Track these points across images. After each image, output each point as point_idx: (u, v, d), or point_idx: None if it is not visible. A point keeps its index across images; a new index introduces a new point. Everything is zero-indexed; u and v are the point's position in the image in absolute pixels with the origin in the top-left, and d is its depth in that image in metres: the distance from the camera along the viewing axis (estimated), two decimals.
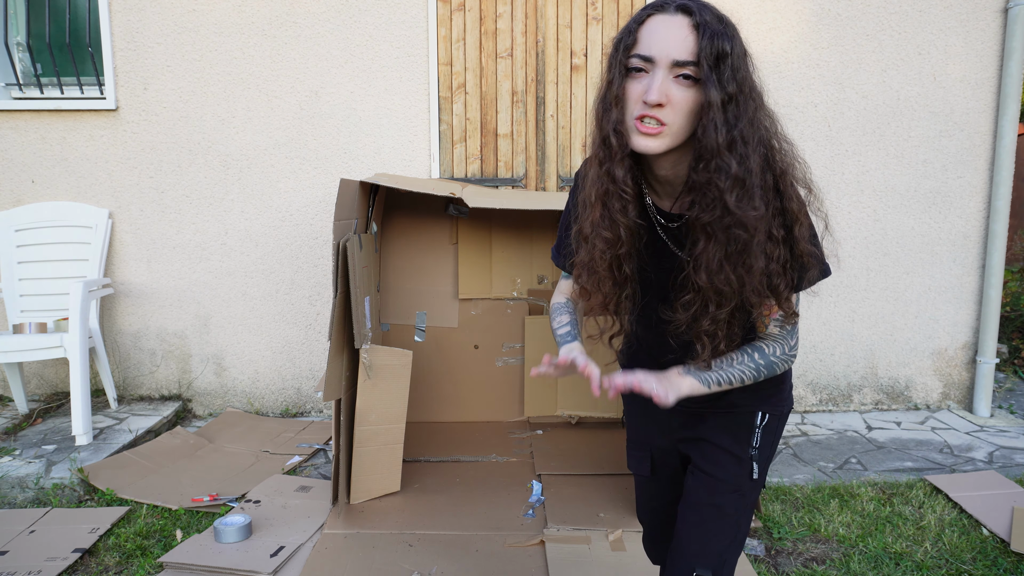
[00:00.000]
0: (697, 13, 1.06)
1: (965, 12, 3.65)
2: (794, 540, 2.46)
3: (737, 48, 1.08)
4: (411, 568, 2.26)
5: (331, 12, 3.61)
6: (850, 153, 3.75)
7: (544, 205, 3.09)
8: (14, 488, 2.81)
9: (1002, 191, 3.68)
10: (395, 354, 2.74)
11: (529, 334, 3.63)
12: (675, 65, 1.07)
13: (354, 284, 2.60)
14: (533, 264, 3.67)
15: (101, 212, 3.67)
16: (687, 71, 1.07)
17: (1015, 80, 3.61)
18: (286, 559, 2.31)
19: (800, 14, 3.67)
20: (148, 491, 2.81)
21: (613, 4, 3.69)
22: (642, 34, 1.10)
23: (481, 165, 3.77)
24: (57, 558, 2.31)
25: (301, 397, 3.88)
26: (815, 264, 1.19)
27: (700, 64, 1.06)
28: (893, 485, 2.87)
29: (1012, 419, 3.73)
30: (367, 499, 2.75)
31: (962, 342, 3.88)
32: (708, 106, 1.07)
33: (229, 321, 3.81)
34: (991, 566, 2.28)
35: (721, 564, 1.31)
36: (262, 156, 3.70)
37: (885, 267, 3.83)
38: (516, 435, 3.48)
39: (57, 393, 3.85)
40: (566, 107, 3.75)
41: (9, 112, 3.65)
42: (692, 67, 1.06)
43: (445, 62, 3.69)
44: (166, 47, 3.63)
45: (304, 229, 3.75)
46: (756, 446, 1.34)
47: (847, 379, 3.90)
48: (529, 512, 2.65)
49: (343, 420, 2.65)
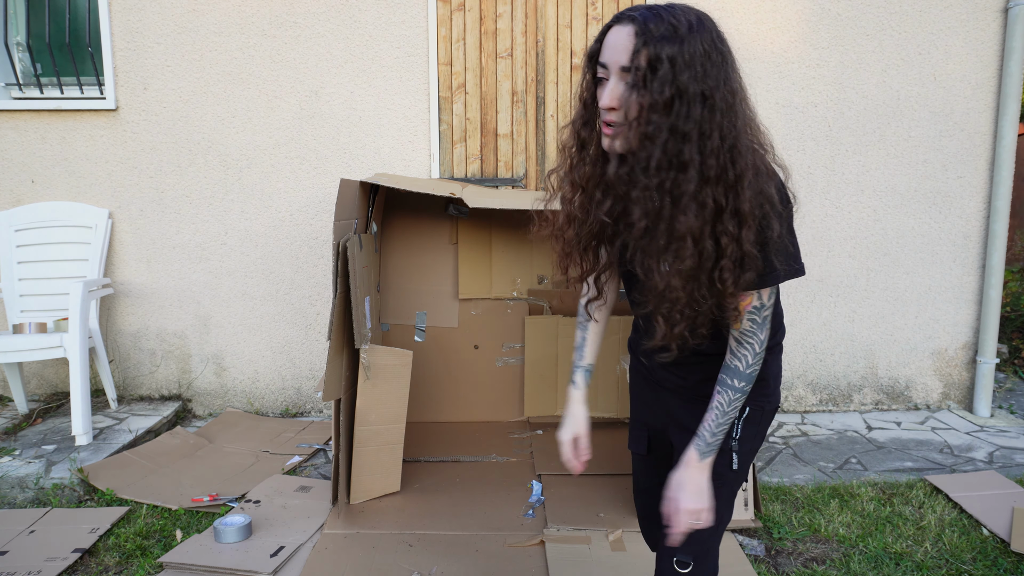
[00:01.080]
0: (641, 21, 1.11)
1: (965, 12, 3.65)
2: (794, 540, 2.46)
3: (684, 53, 1.09)
4: (411, 568, 2.26)
5: (331, 12, 3.61)
6: (850, 153, 3.75)
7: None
8: (14, 488, 2.81)
9: (1002, 191, 3.68)
10: (395, 354, 2.74)
11: (529, 334, 3.63)
12: (622, 71, 1.14)
13: (354, 284, 2.60)
14: (533, 264, 3.67)
15: (101, 212, 3.66)
16: (627, 76, 1.13)
17: (1015, 80, 3.61)
18: (286, 559, 2.31)
19: (800, 14, 3.67)
20: (148, 491, 2.81)
21: (613, 4, 3.69)
22: (604, 43, 1.17)
23: (481, 165, 3.77)
24: (57, 558, 2.31)
25: (301, 397, 3.88)
26: (781, 263, 1.19)
27: (631, 69, 1.11)
28: (893, 485, 2.87)
29: (1012, 419, 3.73)
30: (367, 499, 2.74)
31: (962, 342, 3.88)
32: (640, 109, 1.12)
33: (229, 321, 3.81)
34: (991, 566, 2.28)
35: (703, 551, 1.35)
36: (262, 156, 3.70)
37: (885, 267, 3.83)
38: (516, 435, 3.48)
39: (57, 393, 3.85)
40: (566, 107, 3.75)
41: (9, 112, 3.65)
42: (629, 72, 1.13)
43: (445, 62, 3.69)
44: (166, 47, 3.63)
45: (304, 229, 3.75)
46: (737, 437, 1.36)
47: (847, 379, 3.90)
48: (529, 512, 2.65)
49: (343, 420, 2.65)
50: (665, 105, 1.10)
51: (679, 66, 1.09)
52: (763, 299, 1.22)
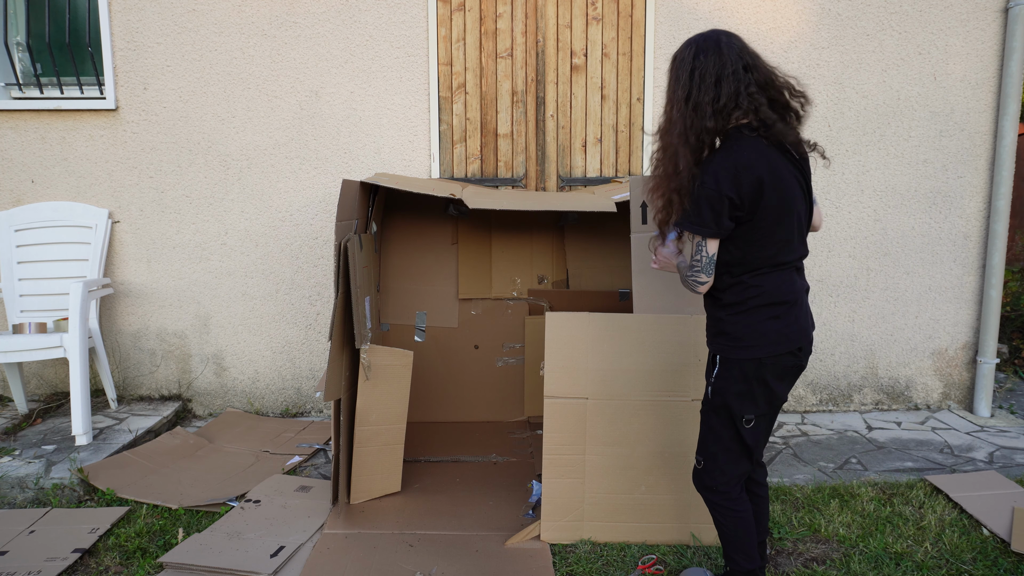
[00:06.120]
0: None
1: (965, 12, 3.65)
2: (794, 540, 2.46)
3: (671, 70, 1.80)
4: (411, 568, 2.26)
5: (331, 12, 3.61)
6: (850, 153, 3.75)
7: (544, 205, 3.09)
8: (14, 488, 2.80)
9: (1003, 191, 3.68)
10: (395, 354, 2.74)
11: (529, 334, 3.63)
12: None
13: (354, 284, 2.60)
14: (533, 264, 3.67)
15: (101, 212, 3.66)
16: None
17: (1015, 80, 3.60)
18: (286, 559, 2.31)
19: (800, 14, 3.67)
20: (148, 491, 2.81)
21: (613, 4, 3.69)
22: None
23: (481, 165, 3.77)
24: (57, 558, 2.30)
25: (301, 397, 3.88)
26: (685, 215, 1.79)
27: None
28: (893, 485, 2.87)
29: (1012, 419, 3.73)
30: (367, 499, 2.74)
31: (962, 342, 3.87)
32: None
33: (229, 321, 3.81)
34: (991, 566, 2.28)
35: (710, 455, 1.91)
36: (262, 156, 3.70)
37: (885, 267, 3.82)
38: (516, 435, 3.48)
39: (57, 393, 3.85)
40: (566, 107, 3.75)
41: (9, 112, 3.65)
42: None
43: (445, 62, 3.69)
44: (166, 47, 3.63)
45: (304, 229, 3.75)
46: (713, 377, 1.89)
47: (847, 379, 3.90)
48: (529, 512, 2.65)
49: (343, 420, 2.65)
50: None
51: (670, 76, 1.82)
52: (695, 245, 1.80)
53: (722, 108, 1.69)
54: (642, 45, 3.71)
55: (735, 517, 1.93)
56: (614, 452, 2.42)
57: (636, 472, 2.43)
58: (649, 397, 2.41)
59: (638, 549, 2.39)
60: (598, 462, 2.43)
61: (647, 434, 2.42)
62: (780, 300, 1.79)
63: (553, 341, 2.43)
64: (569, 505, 2.43)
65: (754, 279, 1.78)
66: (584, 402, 2.42)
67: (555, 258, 3.70)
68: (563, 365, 2.42)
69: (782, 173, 1.72)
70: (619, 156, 3.78)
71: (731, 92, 1.68)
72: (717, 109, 1.69)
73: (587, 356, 2.42)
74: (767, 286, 1.78)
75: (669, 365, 2.42)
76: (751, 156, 1.69)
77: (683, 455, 2.42)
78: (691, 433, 2.41)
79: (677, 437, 2.42)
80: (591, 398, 2.42)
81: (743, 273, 1.78)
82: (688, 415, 2.41)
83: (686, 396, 2.41)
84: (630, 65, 3.72)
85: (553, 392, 2.42)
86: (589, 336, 2.43)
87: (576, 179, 3.78)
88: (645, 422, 2.42)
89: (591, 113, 3.75)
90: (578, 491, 2.43)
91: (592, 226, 3.66)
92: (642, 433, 2.42)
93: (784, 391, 1.86)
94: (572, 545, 2.41)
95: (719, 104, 1.69)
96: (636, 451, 2.43)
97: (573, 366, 2.42)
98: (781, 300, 1.79)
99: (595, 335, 2.43)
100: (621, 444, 2.42)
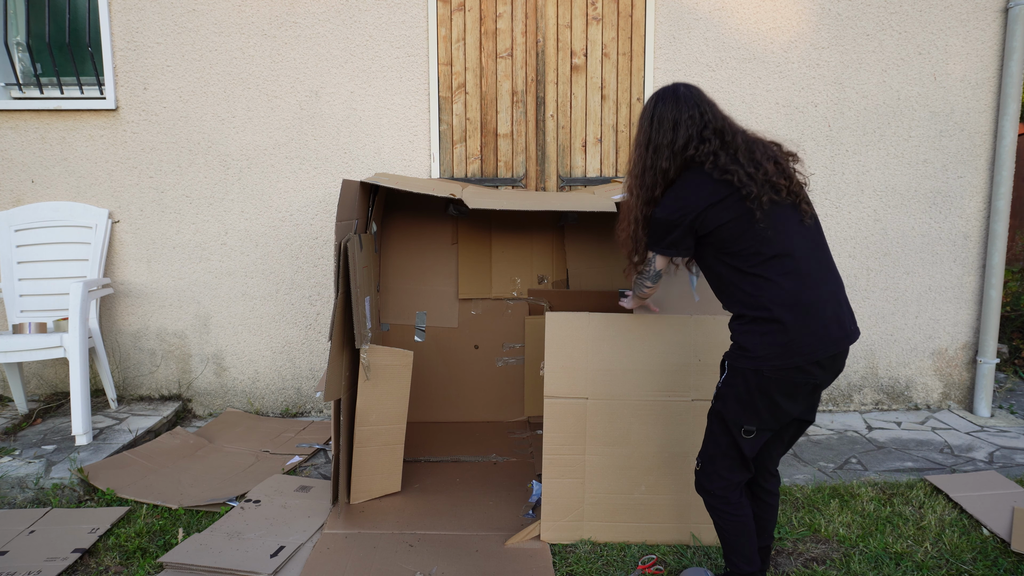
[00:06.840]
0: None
1: (965, 12, 3.65)
2: (794, 540, 2.46)
3: (639, 119, 1.99)
4: (411, 568, 2.26)
5: (331, 12, 3.61)
6: (850, 153, 3.75)
7: (544, 206, 3.09)
8: (14, 488, 2.80)
9: (1003, 191, 3.68)
10: (395, 354, 2.74)
11: (529, 334, 3.63)
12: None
13: (355, 284, 2.60)
14: (533, 264, 3.67)
15: (101, 212, 3.66)
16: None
17: (1015, 80, 3.60)
18: (286, 559, 2.31)
19: (800, 14, 3.67)
20: (148, 491, 2.81)
21: (613, 4, 3.68)
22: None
23: (481, 165, 3.77)
24: (57, 558, 2.30)
25: (301, 397, 3.88)
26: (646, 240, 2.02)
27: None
28: (893, 485, 2.87)
29: (1012, 419, 3.73)
30: (367, 499, 2.74)
31: (962, 342, 3.87)
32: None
33: (229, 321, 3.81)
34: (991, 566, 2.28)
35: (708, 458, 1.97)
36: (262, 156, 3.70)
37: (885, 267, 3.82)
38: (516, 435, 3.48)
39: (57, 393, 3.85)
40: (566, 107, 3.75)
41: (9, 112, 3.65)
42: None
43: (445, 62, 3.69)
44: (166, 47, 3.63)
45: (304, 229, 3.75)
46: (720, 383, 1.94)
47: (847, 379, 3.90)
48: (529, 512, 2.65)
49: (343, 420, 2.65)
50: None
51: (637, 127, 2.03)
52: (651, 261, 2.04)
53: (680, 149, 1.89)
54: (642, 45, 3.71)
55: (734, 521, 1.95)
56: (614, 452, 2.42)
57: (636, 472, 2.43)
58: (649, 397, 2.42)
59: (638, 549, 2.39)
60: (598, 462, 2.43)
61: (647, 434, 2.42)
62: (780, 313, 1.78)
63: (553, 341, 2.43)
64: (569, 505, 2.43)
65: (754, 289, 1.82)
66: (584, 402, 2.42)
67: (555, 258, 3.70)
68: (563, 365, 2.42)
69: (728, 199, 1.85)
70: (619, 156, 3.78)
71: (687, 135, 1.89)
72: (674, 151, 1.90)
73: (587, 356, 2.42)
74: (765, 298, 1.80)
75: (669, 365, 2.42)
76: (695, 187, 1.88)
77: (683, 455, 2.43)
78: (691, 433, 2.41)
79: (677, 437, 2.42)
80: (591, 398, 2.42)
81: (742, 283, 1.85)
82: (688, 415, 2.41)
83: (686, 396, 2.42)
84: (630, 65, 3.73)
85: (553, 392, 2.42)
86: (589, 336, 2.43)
87: (576, 179, 3.78)
88: (645, 422, 2.42)
89: (591, 113, 3.75)
90: (578, 491, 2.43)
91: (592, 226, 3.66)
92: (642, 433, 2.42)
93: (795, 408, 1.85)
94: (572, 545, 2.41)
95: (676, 146, 1.89)
96: (636, 451, 2.43)
97: (573, 366, 2.42)
98: (782, 313, 1.78)
99: (595, 335, 2.43)
100: (621, 444, 2.42)
